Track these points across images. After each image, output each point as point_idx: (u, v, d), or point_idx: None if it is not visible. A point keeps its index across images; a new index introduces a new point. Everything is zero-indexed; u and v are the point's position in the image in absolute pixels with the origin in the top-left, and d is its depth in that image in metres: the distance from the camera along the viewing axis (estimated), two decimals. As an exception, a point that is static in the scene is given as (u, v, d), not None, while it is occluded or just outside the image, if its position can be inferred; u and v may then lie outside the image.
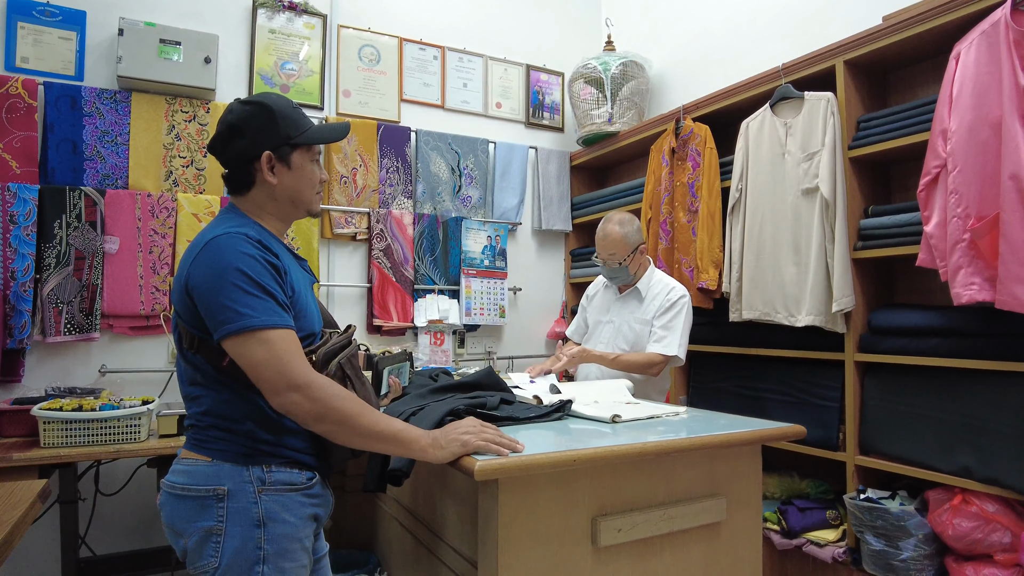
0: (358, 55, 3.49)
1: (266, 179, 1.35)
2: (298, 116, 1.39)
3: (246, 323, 1.17)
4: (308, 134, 1.38)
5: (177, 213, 2.92)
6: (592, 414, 1.66)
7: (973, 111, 1.91)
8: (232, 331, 1.17)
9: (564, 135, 4.12)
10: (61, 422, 2.18)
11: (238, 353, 1.19)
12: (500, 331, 3.80)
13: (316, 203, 1.45)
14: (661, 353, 2.32)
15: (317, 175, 1.43)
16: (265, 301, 1.20)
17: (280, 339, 1.19)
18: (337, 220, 3.33)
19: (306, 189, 1.40)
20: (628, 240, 2.38)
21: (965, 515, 1.93)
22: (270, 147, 1.34)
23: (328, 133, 1.45)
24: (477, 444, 1.24)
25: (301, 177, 1.39)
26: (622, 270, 2.42)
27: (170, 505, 1.27)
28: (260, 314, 1.19)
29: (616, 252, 2.38)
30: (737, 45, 3.25)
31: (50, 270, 2.66)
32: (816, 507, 2.44)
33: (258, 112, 1.34)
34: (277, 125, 1.34)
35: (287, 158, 1.36)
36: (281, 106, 1.37)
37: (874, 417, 2.28)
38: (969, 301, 1.88)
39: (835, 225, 2.33)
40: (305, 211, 1.43)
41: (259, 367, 1.18)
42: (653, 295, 2.43)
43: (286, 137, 1.35)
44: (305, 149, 1.39)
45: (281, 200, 1.39)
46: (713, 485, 1.52)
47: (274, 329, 1.19)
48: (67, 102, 2.77)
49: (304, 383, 1.18)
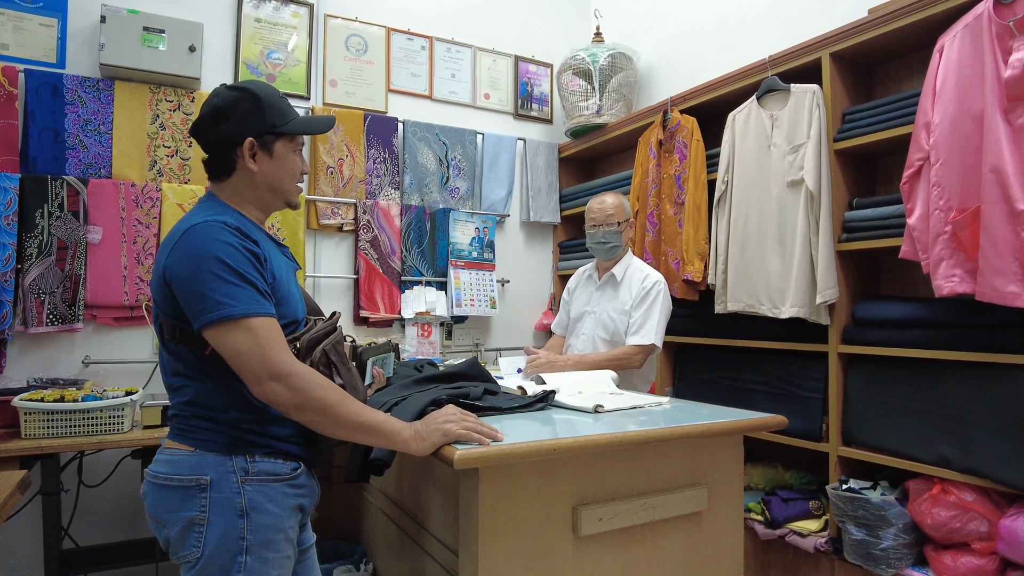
0: (345, 45, 3.46)
1: (247, 166, 1.34)
2: (284, 106, 1.38)
3: (226, 312, 1.16)
4: (293, 124, 1.37)
5: (162, 203, 2.90)
6: (575, 404, 1.66)
7: (956, 104, 1.92)
8: (212, 320, 1.17)
9: (552, 127, 4.11)
10: (43, 413, 2.16)
11: (219, 343, 1.18)
12: (488, 323, 3.80)
13: (295, 194, 1.45)
14: (637, 344, 2.34)
15: (299, 166, 1.42)
16: (245, 289, 1.20)
17: (261, 327, 1.19)
18: (323, 211, 3.32)
19: (286, 179, 1.39)
20: (623, 207, 2.50)
21: (944, 504, 1.95)
22: (253, 134, 1.33)
23: (314, 125, 1.44)
24: (458, 432, 1.24)
25: (282, 166, 1.38)
26: (616, 235, 2.47)
27: (153, 495, 1.27)
28: (240, 303, 1.18)
29: (614, 215, 2.47)
30: (725, 37, 3.26)
31: (32, 260, 2.63)
32: (799, 498, 2.46)
33: (245, 98, 1.33)
34: (263, 112, 1.33)
35: (270, 146, 1.35)
36: (268, 94, 1.36)
37: (857, 408, 2.29)
38: (950, 293, 1.90)
39: (820, 217, 2.34)
40: (284, 202, 1.42)
41: (240, 356, 1.17)
42: (629, 282, 2.46)
43: (271, 125, 1.34)
44: (288, 139, 1.38)
45: (260, 189, 1.38)
46: (695, 475, 1.52)
47: (255, 317, 1.19)
48: (48, 90, 2.73)
49: (285, 372, 1.18)
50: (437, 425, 1.25)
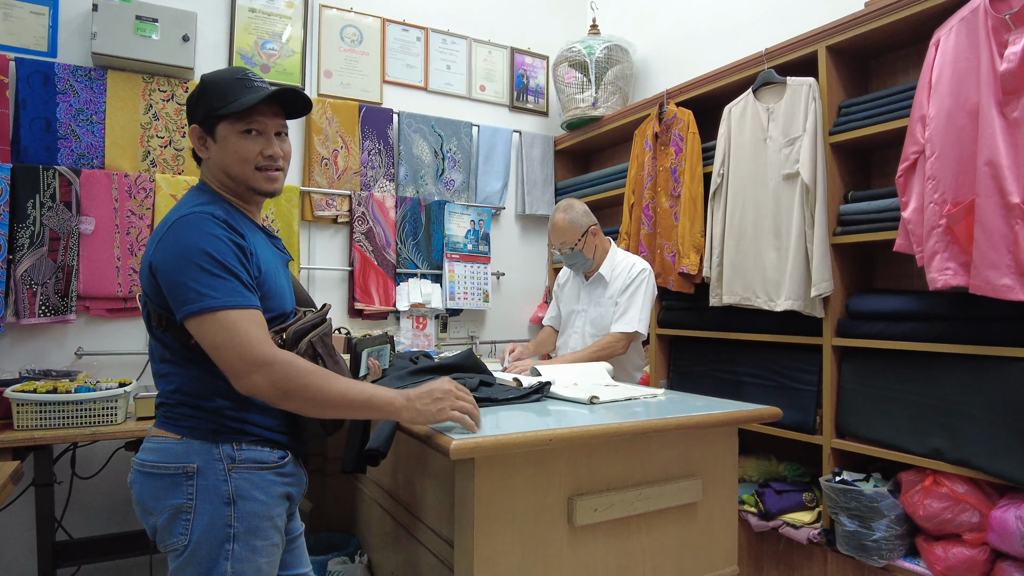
0: (340, 35, 3.44)
1: (201, 154, 1.36)
2: (233, 87, 1.30)
3: (207, 304, 1.16)
4: (232, 104, 1.29)
5: (155, 194, 2.88)
6: (571, 396, 1.66)
7: (951, 97, 1.93)
8: (193, 312, 1.16)
9: (548, 119, 4.10)
10: (35, 404, 2.14)
11: (199, 334, 1.18)
12: (483, 316, 3.79)
13: (257, 180, 1.34)
14: (620, 331, 2.35)
15: (250, 149, 1.31)
16: (228, 281, 1.19)
17: (241, 319, 1.17)
18: (318, 202, 3.30)
19: (234, 163, 1.32)
20: (575, 224, 2.40)
21: (936, 496, 1.97)
22: (197, 120, 1.34)
23: (250, 99, 1.29)
24: (451, 414, 1.23)
25: (226, 150, 1.32)
26: (577, 255, 2.44)
27: (140, 482, 1.27)
28: (222, 295, 1.17)
29: (566, 239, 2.42)
30: (721, 30, 3.25)
31: (24, 251, 2.61)
32: (793, 490, 2.48)
33: (197, 87, 1.35)
34: (206, 97, 1.32)
35: (213, 130, 1.32)
36: (216, 79, 1.33)
37: (850, 401, 2.31)
38: (944, 286, 1.91)
39: (815, 210, 2.34)
40: (246, 187, 1.35)
41: (220, 349, 1.16)
42: (616, 276, 2.46)
43: (211, 109, 1.31)
44: (232, 120, 1.30)
45: (219, 175, 1.35)
46: (689, 466, 1.53)
47: (236, 309, 1.18)
48: (40, 79, 2.71)
49: (265, 362, 1.16)
50: (430, 400, 1.23)
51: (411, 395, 1.24)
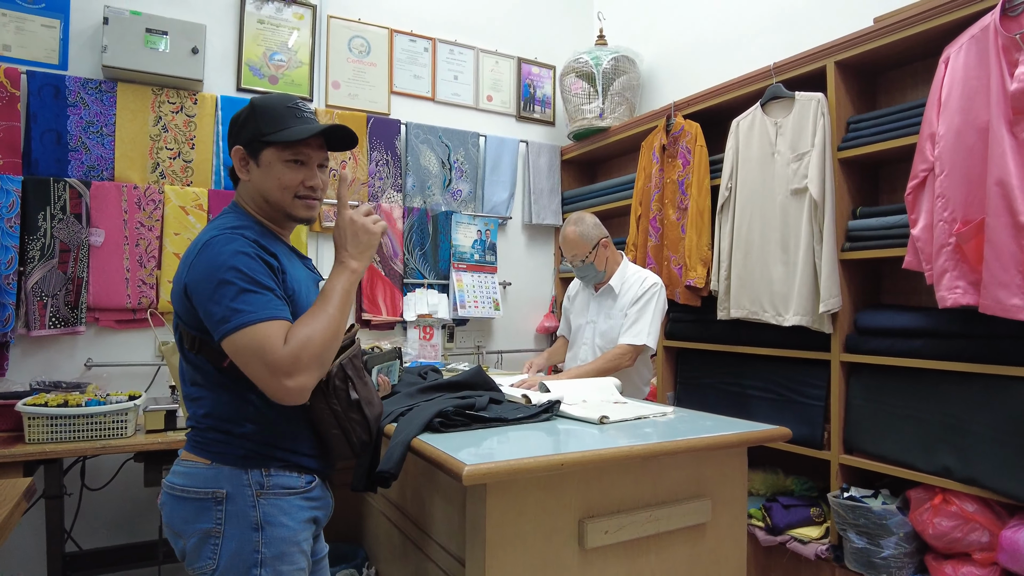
0: (348, 46, 3.46)
1: (241, 175, 1.37)
2: (283, 115, 1.33)
3: (241, 320, 1.16)
4: (281, 133, 1.31)
5: (164, 206, 2.89)
6: (580, 415, 1.67)
7: (961, 115, 1.93)
8: (230, 330, 1.16)
9: (555, 129, 4.11)
10: (46, 418, 2.16)
11: (232, 351, 1.18)
12: (489, 325, 3.80)
13: (296, 207, 1.36)
14: (629, 344, 2.35)
15: (292, 178, 1.33)
16: (263, 295, 1.19)
17: (263, 329, 1.16)
18: (326, 213, 3.31)
19: (274, 189, 1.33)
20: (585, 237, 2.42)
21: (945, 514, 1.96)
22: (243, 142, 1.35)
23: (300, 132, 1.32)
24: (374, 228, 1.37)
25: (269, 176, 1.33)
26: (588, 267, 2.46)
27: (170, 506, 1.29)
28: (257, 309, 1.17)
29: (577, 252, 2.44)
30: (728, 41, 3.25)
31: (34, 263, 2.63)
32: (800, 504, 2.47)
33: (246, 108, 1.37)
34: (254, 121, 1.33)
35: (258, 155, 1.34)
36: (266, 103, 1.35)
37: (858, 417, 2.30)
38: (953, 304, 1.91)
39: (823, 226, 2.35)
40: (283, 214, 1.37)
41: (247, 363, 1.16)
42: (626, 289, 2.47)
43: (259, 133, 1.32)
44: (279, 148, 1.32)
45: (256, 198, 1.37)
46: (699, 487, 1.53)
47: (268, 322, 1.17)
48: (50, 91, 2.72)
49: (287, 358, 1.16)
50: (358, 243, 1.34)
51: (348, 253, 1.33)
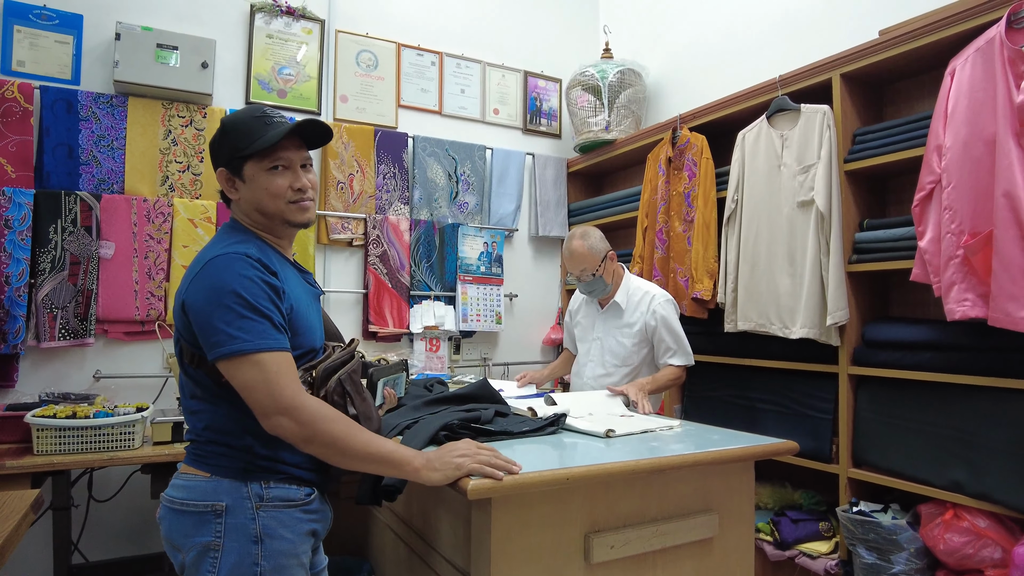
0: (355, 60, 3.49)
1: (231, 195, 1.38)
2: (253, 126, 1.33)
3: (238, 346, 1.18)
4: (255, 144, 1.32)
5: (173, 218, 2.92)
6: (586, 428, 1.66)
7: (968, 127, 1.92)
8: (224, 354, 1.19)
9: (561, 141, 4.12)
10: (55, 429, 2.17)
11: (230, 375, 1.20)
12: (496, 338, 3.80)
13: (291, 212, 1.37)
14: (681, 364, 2.39)
15: (279, 184, 1.34)
16: (260, 323, 1.21)
17: (272, 362, 1.20)
18: (333, 226, 3.33)
19: (265, 199, 1.34)
20: (594, 251, 2.39)
21: (957, 530, 1.94)
22: (223, 163, 1.36)
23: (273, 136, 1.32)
24: (471, 467, 1.23)
25: (256, 188, 1.35)
26: (597, 281, 2.43)
27: (169, 519, 1.28)
28: (254, 337, 1.19)
29: (586, 266, 2.40)
30: (733, 53, 3.26)
31: (45, 275, 2.65)
32: (809, 519, 2.45)
33: (218, 131, 1.38)
34: (227, 140, 1.35)
35: (240, 171, 1.35)
36: (236, 121, 1.36)
37: (867, 430, 2.28)
38: (962, 317, 1.89)
39: (830, 238, 2.34)
40: (280, 221, 1.37)
41: (250, 390, 1.19)
42: (633, 305, 2.45)
43: (235, 150, 1.34)
44: (258, 159, 1.33)
45: (252, 214, 1.38)
46: (706, 501, 1.52)
47: (267, 352, 1.20)
48: (63, 106, 2.76)
49: (292, 406, 1.19)
50: (451, 458, 1.24)
51: (430, 456, 1.26)
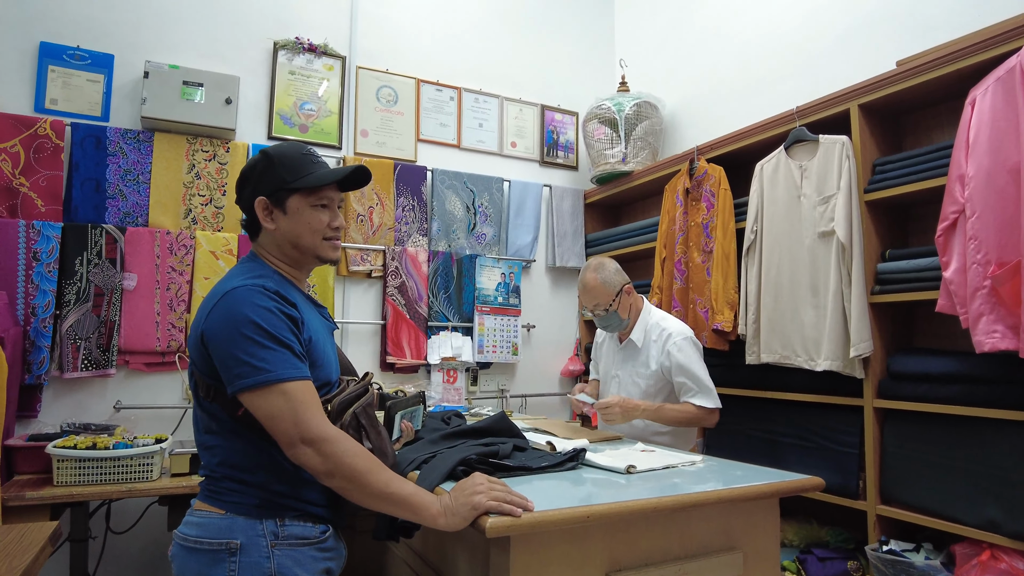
0: (376, 96, 3.55)
1: (265, 225, 1.38)
2: (301, 162, 1.37)
3: (263, 377, 1.18)
4: (305, 179, 1.36)
5: (195, 250, 2.96)
6: (606, 464, 1.63)
7: (990, 157, 1.90)
8: (249, 385, 1.18)
9: (578, 173, 4.14)
10: (75, 460, 2.18)
11: (254, 406, 1.19)
12: (513, 369, 3.78)
13: (325, 249, 1.41)
14: (704, 406, 2.23)
15: (321, 220, 1.38)
16: (281, 353, 1.21)
17: (298, 391, 1.20)
18: (353, 257, 3.36)
19: (305, 234, 1.37)
20: (608, 284, 2.30)
21: (995, 572, 1.86)
22: (265, 192, 1.37)
23: (326, 176, 1.38)
24: (488, 505, 1.20)
25: (299, 222, 1.37)
26: (612, 316, 2.34)
27: (181, 558, 1.26)
28: (277, 367, 1.19)
29: (599, 300, 2.31)
30: (750, 85, 3.28)
31: (70, 306, 2.69)
32: (836, 557, 2.37)
33: (260, 160, 1.39)
34: (274, 171, 1.36)
35: (283, 203, 1.36)
36: (283, 153, 1.38)
37: (895, 465, 2.22)
38: (992, 349, 1.85)
39: (852, 269, 2.31)
40: (313, 257, 1.41)
41: (275, 419, 1.18)
42: (650, 343, 2.35)
43: (282, 182, 1.35)
44: (305, 194, 1.36)
45: (284, 245, 1.39)
46: (730, 539, 1.48)
47: (290, 381, 1.20)
48: (92, 142, 2.84)
49: (318, 437, 1.18)
50: (466, 499, 1.22)
51: (447, 502, 1.24)
